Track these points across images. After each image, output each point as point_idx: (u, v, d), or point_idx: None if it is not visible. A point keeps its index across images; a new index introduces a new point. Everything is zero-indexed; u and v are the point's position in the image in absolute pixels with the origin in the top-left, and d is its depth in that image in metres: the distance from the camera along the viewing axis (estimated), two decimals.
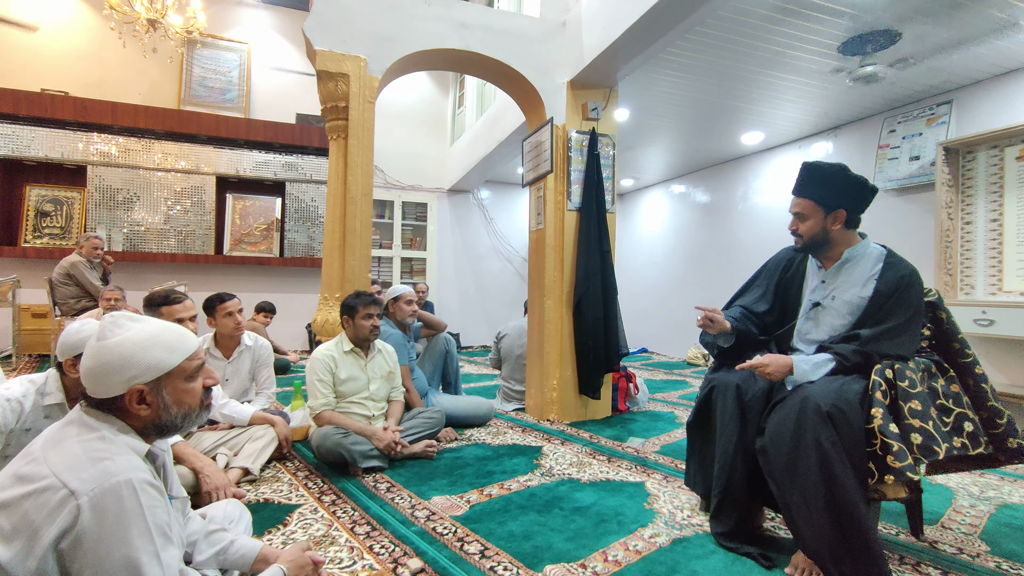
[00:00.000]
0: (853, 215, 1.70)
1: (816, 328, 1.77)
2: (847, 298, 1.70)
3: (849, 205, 1.68)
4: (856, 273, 1.71)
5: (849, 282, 1.71)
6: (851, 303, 1.69)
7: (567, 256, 3.49)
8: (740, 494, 1.67)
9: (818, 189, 1.71)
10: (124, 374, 0.98)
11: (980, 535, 1.83)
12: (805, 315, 1.80)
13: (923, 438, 1.43)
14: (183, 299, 2.41)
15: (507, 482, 2.30)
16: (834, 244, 1.73)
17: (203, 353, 1.12)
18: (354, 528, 1.82)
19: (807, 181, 1.73)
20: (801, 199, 1.73)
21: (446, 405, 3.19)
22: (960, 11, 2.91)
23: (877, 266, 1.69)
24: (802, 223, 1.74)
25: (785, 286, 1.90)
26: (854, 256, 1.72)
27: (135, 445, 0.99)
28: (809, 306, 1.79)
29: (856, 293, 1.69)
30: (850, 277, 1.71)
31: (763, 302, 1.92)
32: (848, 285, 1.71)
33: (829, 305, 1.73)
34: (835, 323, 1.72)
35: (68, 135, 5.61)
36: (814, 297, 1.78)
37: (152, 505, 0.91)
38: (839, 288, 1.73)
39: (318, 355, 2.61)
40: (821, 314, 1.75)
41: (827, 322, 1.74)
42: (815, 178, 1.72)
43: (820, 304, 1.76)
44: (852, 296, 1.69)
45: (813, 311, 1.78)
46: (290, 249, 6.55)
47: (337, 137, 3.16)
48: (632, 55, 3.22)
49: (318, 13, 3.07)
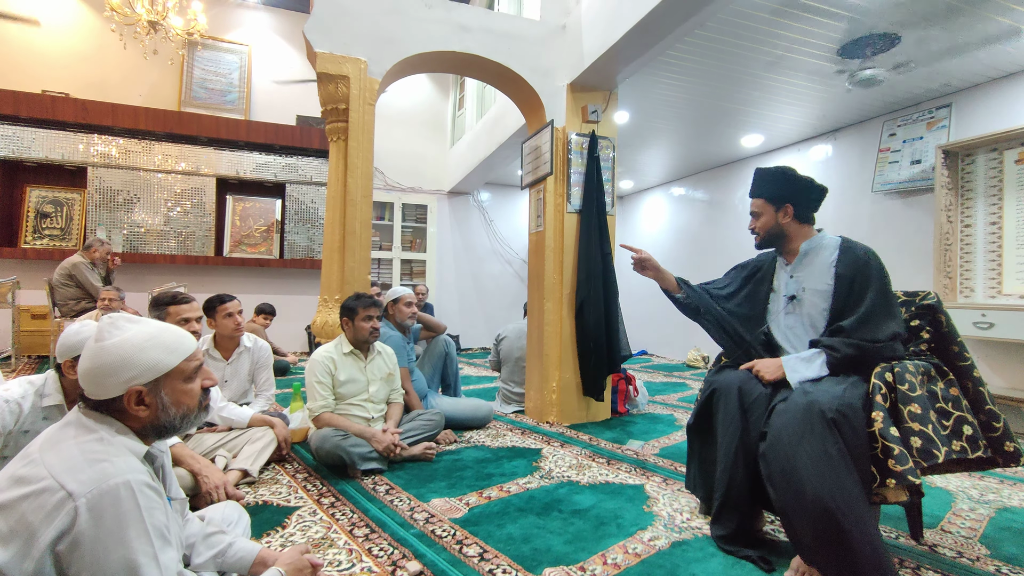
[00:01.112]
0: (802, 210, 1.84)
1: (798, 320, 1.83)
2: (817, 287, 1.79)
3: (796, 200, 1.83)
4: (817, 262, 1.82)
5: (813, 272, 1.81)
6: (821, 291, 1.78)
7: (567, 258, 3.50)
8: (742, 498, 1.67)
9: (767, 188, 1.88)
10: (122, 375, 0.98)
11: (980, 539, 1.83)
12: (784, 311, 1.87)
13: (922, 441, 1.42)
14: (190, 299, 2.45)
15: (506, 484, 2.29)
16: (790, 237, 1.87)
17: (202, 354, 1.12)
18: (353, 530, 1.82)
19: (758, 183, 1.90)
20: (754, 199, 1.91)
21: (445, 407, 3.19)
22: (959, 15, 2.92)
23: (835, 253, 1.79)
24: (757, 220, 1.90)
25: (755, 283, 2.00)
26: (812, 247, 1.84)
27: (133, 447, 0.99)
28: (786, 302, 1.87)
29: (823, 280, 1.78)
30: (813, 267, 1.82)
31: (729, 286, 2.06)
32: (813, 275, 1.81)
33: (802, 296, 1.82)
34: (812, 313, 1.79)
35: (69, 136, 5.62)
36: (788, 291, 1.87)
37: (150, 507, 0.91)
38: (807, 279, 1.83)
39: (317, 357, 2.61)
40: (798, 306, 1.83)
41: (805, 312, 1.81)
42: (764, 179, 1.89)
43: (795, 297, 1.84)
44: (819, 284, 1.78)
45: (791, 305, 1.85)
46: (290, 251, 6.56)
47: (337, 139, 3.16)
48: (632, 58, 3.23)
49: (318, 15, 3.07)
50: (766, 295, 1.96)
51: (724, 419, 1.72)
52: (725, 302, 2.01)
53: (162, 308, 2.36)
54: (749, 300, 1.98)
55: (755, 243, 1.95)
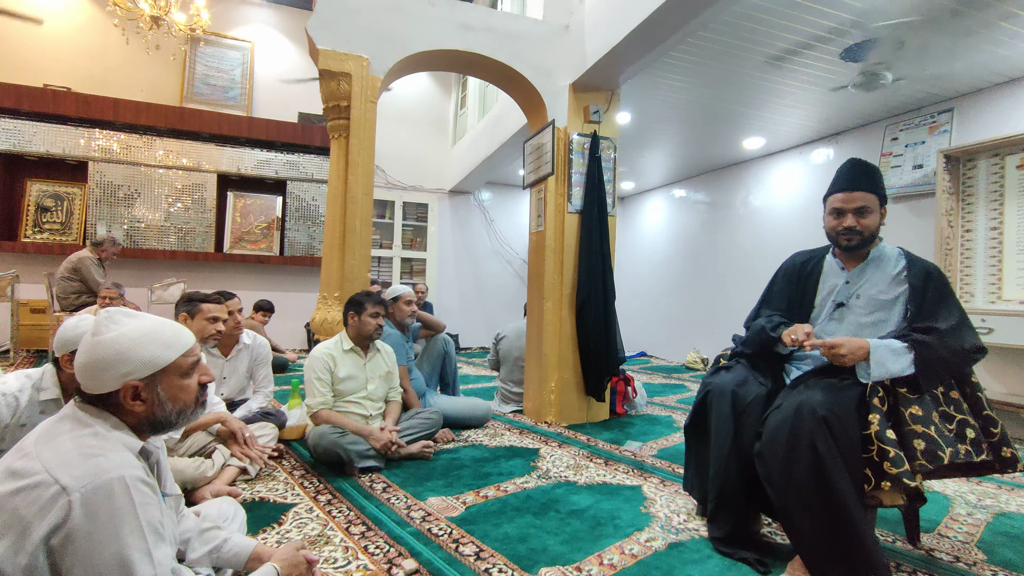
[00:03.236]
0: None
1: (840, 328, 1.74)
2: (872, 295, 1.70)
3: (885, 202, 1.72)
4: (881, 271, 1.72)
5: (874, 280, 1.71)
6: (876, 300, 1.69)
7: (567, 258, 3.49)
8: (736, 499, 1.67)
9: (875, 183, 1.70)
10: (119, 370, 0.98)
11: (977, 543, 1.83)
12: (828, 316, 1.78)
13: (926, 443, 1.42)
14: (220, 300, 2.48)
15: (503, 484, 2.29)
16: (873, 242, 1.74)
17: (199, 350, 1.12)
18: (349, 528, 1.82)
19: (864, 175, 1.71)
20: (866, 193, 1.69)
21: (443, 406, 3.18)
22: (961, 19, 2.92)
23: (900, 263, 1.71)
24: (864, 218, 1.69)
25: (802, 289, 1.88)
26: (879, 255, 1.74)
27: (128, 442, 0.98)
28: (832, 307, 1.77)
29: (881, 291, 1.69)
30: (876, 276, 1.72)
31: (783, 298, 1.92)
32: (873, 283, 1.71)
33: (853, 304, 1.73)
34: (859, 321, 1.71)
35: (70, 131, 5.62)
36: (837, 297, 1.77)
37: (144, 502, 0.91)
38: (864, 287, 1.73)
39: (317, 353, 2.61)
40: (845, 314, 1.74)
41: (851, 320, 1.72)
42: (869, 173, 1.71)
43: (844, 304, 1.74)
44: (877, 293, 1.69)
45: (837, 312, 1.75)
46: (290, 248, 6.55)
47: (338, 136, 3.16)
48: (634, 59, 3.22)
49: (321, 12, 3.07)
50: (811, 297, 1.83)
51: (717, 421, 1.72)
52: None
53: (194, 305, 2.37)
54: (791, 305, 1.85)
55: (848, 244, 1.72)
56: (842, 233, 1.71)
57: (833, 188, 1.75)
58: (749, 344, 1.86)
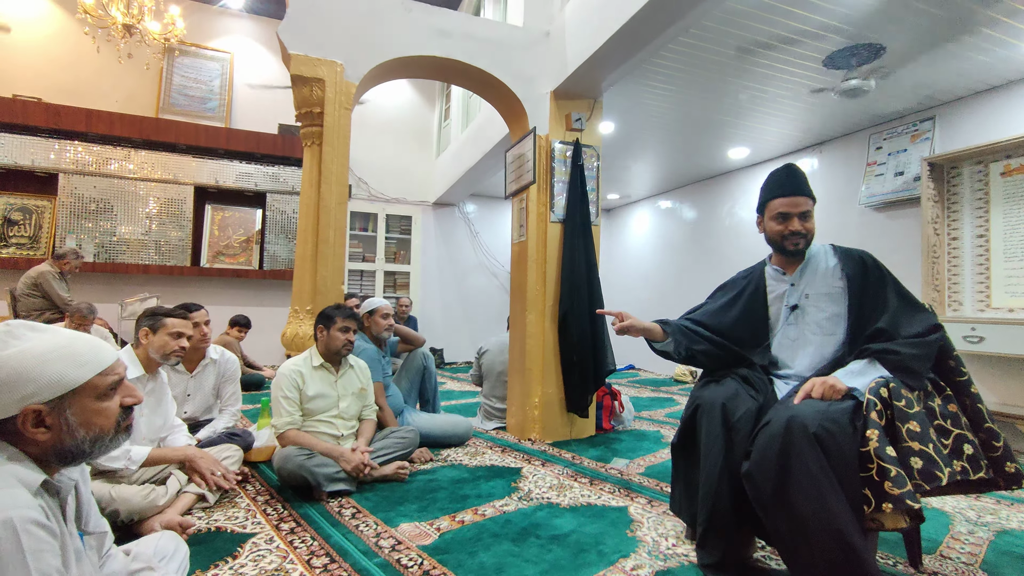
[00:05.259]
0: None
1: (801, 330, 1.74)
2: (822, 291, 1.72)
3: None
4: (819, 268, 1.75)
5: (816, 278, 1.74)
6: (827, 294, 1.71)
7: (550, 269, 3.39)
8: (727, 522, 1.55)
9: (810, 188, 1.74)
10: (17, 392, 0.85)
11: (981, 565, 1.73)
12: (785, 321, 1.77)
13: (923, 462, 1.32)
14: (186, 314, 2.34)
15: (482, 507, 2.15)
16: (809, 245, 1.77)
17: (122, 368, 0.99)
18: (311, 560, 1.67)
19: (803, 180, 1.74)
20: (807, 198, 1.72)
21: (422, 424, 3.04)
22: (943, 27, 2.90)
23: (832, 259, 1.75)
24: (807, 221, 1.72)
25: (748, 300, 1.86)
26: (812, 255, 1.78)
27: (25, 476, 0.84)
28: (787, 312, 1.77)
29: (828, 283, 1.71)
30: (815, 274, 1.75)
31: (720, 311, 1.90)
32: (816, 281, 1.74)
33: (805, 304, 1.74)
34: (817, 318, 1.71)
35: (40, 142, 5.45)
36: (788, 302, 1.77)
37: (37, 549, 0.77)
38: (809, 286, 1.74)
39: (284, 370, 2.46)
40: (801, 315, 1.74)
41: (809, 319, 1.73)
42: (805, 177, 1.75)
43: (797, 306, 1.75)
44: (825, 287, 1.71)
45: (793, 315, 1.75)
46: (270, 262, 6.40)
47: (311, 144, 3.05)
48: (616, 64, 3.16)
49: (293, 16, 2.98)
50: (764, 310, 1.83)
51: (707, 437, 1.60)
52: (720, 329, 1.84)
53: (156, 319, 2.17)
54: (746, 319, 1.84)
55: (795, 248, 1.72)
56: (789, 237, 1.72)
57: (774, 193, 1.75)
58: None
